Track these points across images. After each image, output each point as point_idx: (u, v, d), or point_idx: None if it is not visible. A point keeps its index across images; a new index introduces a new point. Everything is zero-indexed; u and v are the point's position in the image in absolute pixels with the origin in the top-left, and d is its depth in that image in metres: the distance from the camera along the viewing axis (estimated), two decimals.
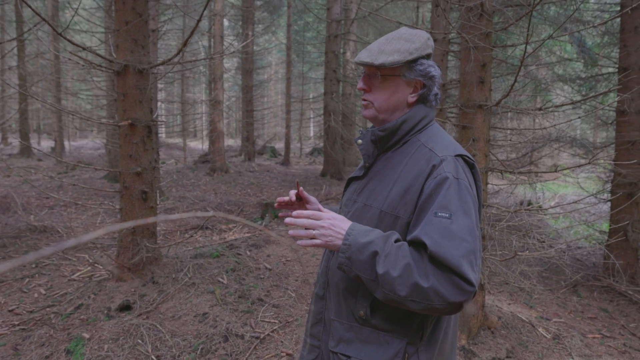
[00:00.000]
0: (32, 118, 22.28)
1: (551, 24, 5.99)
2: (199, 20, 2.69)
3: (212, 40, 12.76)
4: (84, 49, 3.01)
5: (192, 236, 5.01)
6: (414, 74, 1.28)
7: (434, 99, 1.33)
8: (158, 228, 6.54)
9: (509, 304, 4.12)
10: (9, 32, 18.62)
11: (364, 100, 1.34)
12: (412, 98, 1.30)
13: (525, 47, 1.71)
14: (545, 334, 3.50)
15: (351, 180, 1.43)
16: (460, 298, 1.04)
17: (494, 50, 2.99)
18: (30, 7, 2.50)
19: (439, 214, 1.10)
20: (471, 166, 1.25)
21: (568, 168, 2.60)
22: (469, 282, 1.04)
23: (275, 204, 1.50)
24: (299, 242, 1.20)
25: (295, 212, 1.22)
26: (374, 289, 1.12)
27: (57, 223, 6.49)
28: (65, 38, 2.77)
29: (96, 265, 4.82)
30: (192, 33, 2.82)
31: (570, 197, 10.52)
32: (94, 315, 3.43)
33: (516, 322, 3.45)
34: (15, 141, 21.52)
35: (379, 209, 1.23)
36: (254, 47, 18.06)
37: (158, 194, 8.87)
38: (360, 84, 1.33)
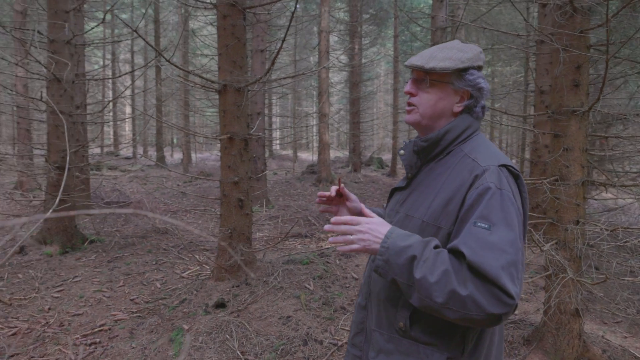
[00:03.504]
0: (166, 133, 25.34)
1: None
2: (282, 42, 2.88)
3: (319, 55, 13.30)
4: (188, 72, 3.42)
5: (280, 242, 5.28)
6: (463, 83, 1.27)
7: (480, 111, 1.31)
8: (260, 234, 7.00)
9: (625, 337, 3.60)
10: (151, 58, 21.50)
11: (409, 105, 1.33)
12: (457, 107, 1.29)
13: (607, 48, 1.54)
14: None
15: (395, 190, 1.43)
16: (499, 310, 1.00)
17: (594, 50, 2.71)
18: (145, 40, 2.93)
19: (479, 223, 1.07)
20: (516, 177, 1.20)
21: None
22: (508, 294, 1.00)
23: (317, 200, 1.52)
24: (338, 248, 1.23)
25: (333, 219, 1.24)
26: (410, 295, 1.10)
27: (176, 226, 7.30)
28: (172, 64, 3.18)
29: (204, 265, 5.34)
30: (277, 54, 3.04)
31: None
32: (194, 310, 3.82)
33: (626, 358, 3.02)
34: (154, 154, 24.69)
35: (421, 220, 1.23)
36: (362, 60, 18.36)
37: (265, 203, 9.48)
38: (407, 87, 1.33)
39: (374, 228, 1.19)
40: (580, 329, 2.68)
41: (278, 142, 29.18)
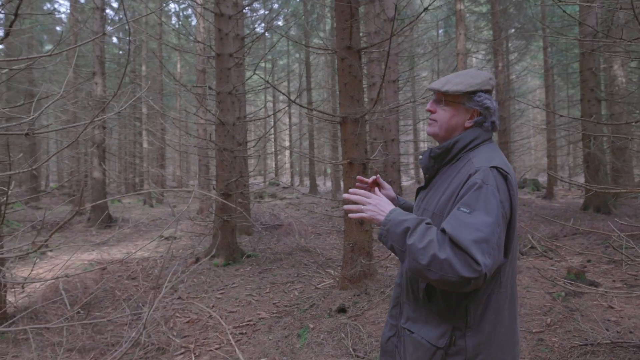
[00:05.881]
0: (319, 163, 27.40)
1: None
2: (383, 78, 3.34)
3: None
4: (310, 109, 4.10)
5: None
6: (473, 104, 1.57)
7: (490, 125, 1.59)
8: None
9: None
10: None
11: (431, 120, 1.67)
12: (468, 123, 1.59)
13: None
14: None
15: (419, 190, 1.76)
16: (469, 274, 1.25)
17: None
18: (277, 89, 3.70)
19: (462, 208, 1.36)
20: (504, 177, 1.43)
21: None
22: (477, 262, 1.25)
23: (357, 184, 1.84)
24: (350, 215, 1.58)
25: (351, 190, 1.61)
26: (403, 259, 1.39)
27: (317, 245, 8.12)
28: (295, 103, 3.90)
29: (335, 278, 5.93)
30: (380, 88, 3.51)
31: None
32: (320, 313, 4.39)
33: None
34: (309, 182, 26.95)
35: (432, 212, 1.55)
36: (510, 76, 17.45)
37: None
38: (428, 106, 1.67)
39: (381, 204, 1.53)
40: None
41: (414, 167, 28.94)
